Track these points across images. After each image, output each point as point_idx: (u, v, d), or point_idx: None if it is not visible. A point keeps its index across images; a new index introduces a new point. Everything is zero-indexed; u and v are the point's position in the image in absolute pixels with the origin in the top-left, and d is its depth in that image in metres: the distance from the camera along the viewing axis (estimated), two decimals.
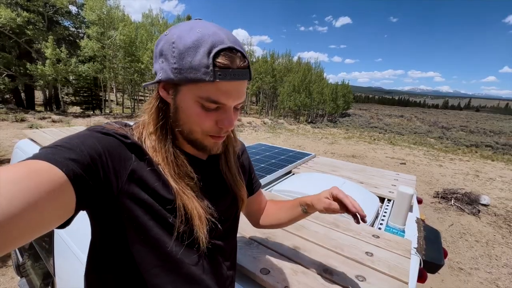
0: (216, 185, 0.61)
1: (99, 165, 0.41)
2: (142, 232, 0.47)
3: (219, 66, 0.43)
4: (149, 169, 0.48)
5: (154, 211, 0.48)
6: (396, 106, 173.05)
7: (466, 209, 5.31)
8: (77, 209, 0.38)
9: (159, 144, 0.50)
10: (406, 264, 0.86)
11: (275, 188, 1.55)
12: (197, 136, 0.50)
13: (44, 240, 1.87)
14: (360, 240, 1.00)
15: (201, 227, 0.50)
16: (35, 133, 2.55)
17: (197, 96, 0.46)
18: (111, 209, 0.45)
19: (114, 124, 0.51)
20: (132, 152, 0.48)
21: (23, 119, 11.18)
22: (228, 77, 0.44)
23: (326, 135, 16.49)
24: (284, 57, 36.34)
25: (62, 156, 0.36)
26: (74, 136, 0.43)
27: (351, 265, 0.85)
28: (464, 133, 26.12)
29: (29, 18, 13.56)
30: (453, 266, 3.54)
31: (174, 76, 0.45)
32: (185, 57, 0.43)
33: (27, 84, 15.88)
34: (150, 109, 0.51)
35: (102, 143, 0.43)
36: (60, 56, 13.77)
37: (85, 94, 19.84)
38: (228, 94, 0.46)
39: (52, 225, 0.34)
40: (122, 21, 16.50)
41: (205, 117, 0.47)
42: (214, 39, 0.44)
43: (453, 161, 10.81)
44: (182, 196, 0.49)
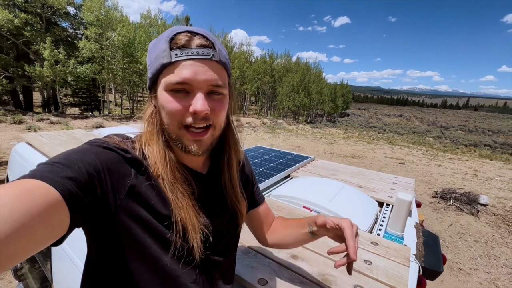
0: (215, 200, 0.60)
1: (97, 182, 0.40)
2: (140, 249, 0.47)
3: (176, 47, 0.44)
4: (148, 184, 0.47)
5: (152, 228, 0.47)
6: (395, 105, 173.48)
7: (465, 209, 5.32)
8: (71, 228, 0.37)
9: (157, 149, 0.49)
10: (404, 272, 0.86)
11: (273, 193, 1.54)
12: (175, 131, 0.48)
13: None
14: (359, 247, 1.00)
15: (195, 236, 0.49)
16: (32, 136, 2.53)
17: (164, 84, 0.45)
18: (108, 226, 0.44)
19: (115, 138, 0.50)
20: (132, 167, 0.47)
21: (21, 121, 11.14)
22: (185, 56, 0.44)
23: (325, 135, 16.50)
24: (283, 57, 36.36)
25: (58, 174, 0.36)
26: (73, 151, 0.42)
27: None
28: (462, 132, 26.20)
29: (27, 19, 13.50)
30: (453, 267, 3.55)
31: (149, 74, 0.48)
32: (152, 52, 0.47)
33: (25, 86, 15.81)
34: (146, 117, 0.52)
35: (101, 158, 0.43)
36: (58, 57, 13.72)
37: (83, 95, 19.78)
38: (190, 73, 0.44)
39: (45, 244, 0.34)
40: (121, 22, 16.45)
41: (175, 102, 0.45)
42: (174, 28, 0.46)
43: (452, 160, 10.84)
44: (177, 205, 0.48)
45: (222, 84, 0.48)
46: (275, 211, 1.27)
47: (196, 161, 0.58)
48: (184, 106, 0.46)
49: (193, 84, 0.45)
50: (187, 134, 0.48)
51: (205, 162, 0.61)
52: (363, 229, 1.18)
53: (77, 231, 1.15)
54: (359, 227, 1.19)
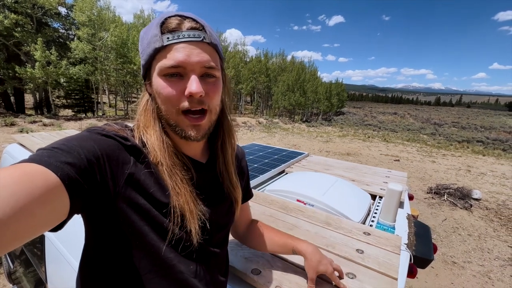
0: (214, 190, 0.60)
1: (96, 168, 0.40)
2: (138, 237, 0.47)
3: (167, 31, 0.44)
4: (147, 171, 0.47)
5: (151, 216, 0.47)
6: (389, 103, 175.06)
7: (459, 204, 5.40)
8: (71, 214, 0.37)
9: (155, 135, 0.49)
10: (395, 260, 0.87)
11: (268, 188, 1.55)
12: (173, 117, 0.48)
13: (36, 246, 1.83)
14: (352, 238, 1.01)
15: (193, 222, 0.49)
16: (24, 137, 2.50)
17: (158, 69, 0.45)
18: (107, 213, 0.45)
19: (115, 126, 0.50)
20: (131, 155, 0.47)
21: (13, 123, 10.96)
22: (176, 39, 0.44)
23: (321, 134, 16.58)
24: (278, 56, 36.39)
25: (58, 159, 0.36)
26: (73, 137, 0.42)
27: (342, 263, 0.85)
28: (456, 129, 26.59)
29: (17, 20, 13.27)
30: (447, 260, 3.60)
31: (143, 61, 0.48)
32: (144, 39, 0.47)
33: (17, 88, 15.54)
34: (142, 106, 0.52)
35: (101, 145, 0.43)
36: (50, 58, 13.51)
37: (76, 96, 19.51)
38: (183, 55, 0.44)
39: (44, 229, 0.34)
40: (113, 22, 16.28)
41: (171, 87, 0.45)
42: (164, 14, 0.47)
43: (446, 156, 11.00)
44: (175, 191, 0.48)
45: (215, 65, 0.48)
46: (269, 205, 1.28)
47: (194, 149, 0.57)
48: (179, 90, 0.46)
49: (187, 67, 0.45)
50: (186, 120, 0.48)
51: (204, 151, 0.61)
52: (356, 220, 1.20)
53: (70, 231, 1.15)
54: (352, 219, 1.21)
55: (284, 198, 1.37)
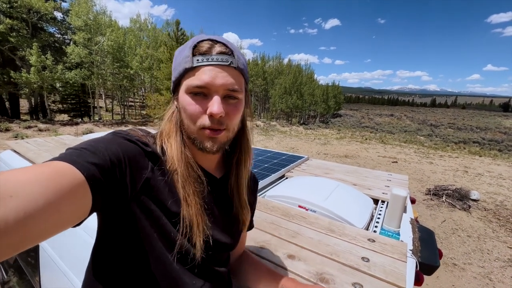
0: (223, 207, 0.61)
1: (117, 170, 0.42)
2: (147, 243, 0.48)
3: (198, 53, 0.48)
4: (162, 179, 0.49)
5: (160, 224, 0.48)
6: (386, 105, 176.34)
7: (457, 205, 5.41)
8: (91, 211, 0.39)
9: (175, 145, 0.51)
10: (402, 268, 0.85)
11: (268, 194, 1.52)
12: (194, 131, 0.50)
13: (30, 255, 1.79)
14: (356, 245, 0.98)
15: (198, 235, 0.50)
16: (18, 144, 2.45)
17: (185, 87, 0.49)
18: (121, 215, 0.46)
19: (138, 131, 0.53)
20: (150, 161, 0.49)
21: (8, 129, 10.83)
22: (206, 62, 0.47)
23: (318, 136, 16.62)
24: (274, 59, 36.58)
25: (85, 159, 0.38)
26: (99, 139, 0.45)
27: (347, 272, 0.82)
28: (452, 130, 26.83)
29: (12, 25, 13.20)
30: (447, 262, 3.59)
31: (173, 77, 0.52)
32: (177, 58, 0.51)
33: (12, 93, 15.39)
34: (168, 116, 0.55)
35: (124, 149, 0.45)
36: (45, 63, 13.43)
37: (72, 101, 19.38)
38: (209, 77, 0.47)
39: (68, 225, 0.35)
40: (110, 27, 16.25)
41: (195, 105, 0.48)
42: (198, 37, 0.50)
43: (443, 158, 11.06)
44: (186, 201, 0.49)
45: (238, 88, 0.50)
46: (271, 211, 1.25)
47: (210, 162, 0.59)
48: (202, 109, 0.48)
49: (211, 88, 0.48)
50: (204, 133, 0.50)
51: (220, 167, 0.63)
52: (360, 226, 1.17)
53: (64, 240, 1.10)
54: (355, 225, 1.19)
55: (285, 204, 1.34)
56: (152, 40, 22.22)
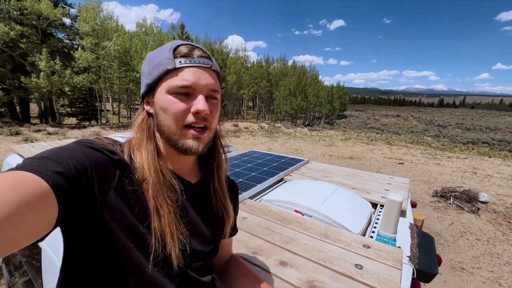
0: (202, 213, 0.60)
1: (84, 180, 0.41)
2: (121, 254, 0.46)
3: (180, 56, 0.49)
4: (132, 188, 0.48)
5: (136, 234, 0.47)
6: (392, 106, 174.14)
7: (466, 207, 5.28)
8: (56, 224, 0.37)
9: (146, 153, 0.50)
10: (396, 276, 0.83)
11: (265, 198, 1.52)
12: (176, 130, 0.50)
13: (34, 258, 1.82)
14: (350, 251, 0.97)
15: (173, 245, 0.49)
16: (23, 148, 2.51)
17: (167, 87, 0.49)
18: (91, 226, 0.44)
19: (104, 139, 0.52)
20: (118, 169, 0.48)
21: (18, 132, 11.09)
22: (188, 63, 0.49)
23: (323, 138, 16.50)
24: (279, 61, 36.59)
25: (48, 168, 0.36)
26: (62, 148, 0.43)
27: (339, 280, 0.81)
28: (460, 130, 26.27)
29: (22, 31, 13.57)
30: (455, 266, 3.50)
31: (148, 80, 0.51)
32: (153, 60, 0.51)
33: (22, 97, 15.80)
34: (137, 124, 0.54)
35: (89, 157, 0.43)
36: (54, 68, 13.73)
37: (80, 105, 19.77)
38: (192, 78, 0.48)
39: (35, 237, 0.34)
40: (116, 31, 16.54)
41: (178, 103, 0.49)
42: (175, 42, 0.52)
43: (451, 159, 10.83)
44: (157, 211, 0.48)
45: (218, 89, 0.53)
46: (266, 216, 1.24)
47: (184, 167, 0.58)
48: (186, 107, 0.49)
49: (196, 88, 0.49)
50: (189, 133, 0.50)
51: (194, 171, 0.62)
52: (356, 232, 1.15)
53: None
54: (351, 230, 1.17)
55: (281, 209, 1.33)
56: (158, 44, 22.49)
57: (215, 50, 27.74)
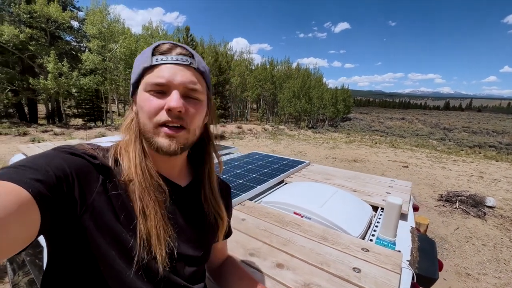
0: (191, 217, 0.58)
1: (65, 186, 0.40)
2: (104, 261, 0.45)
3: (158, 53, 0.48)
4: (116, 193, 0.47)
5: (117, 239, 0.45)
6: (397, 109, 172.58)
7: (472, 212, 5.18)
8: (40, 232, 0.36)
9: (133, 153, 0.49)
10: (394, 280, 0.81)
11: (264, 200, 1.51)
12: (150, 129, 0.48)
13: (37, 257, 1.84)
14: (349, 254, 0.96)
15: (159, 247, 0.47)
16: (29, 148, 2.55)
17: (144, 85, 0.48)
18: (73, 233, 0.43)
19: (85, 145, 0.50)
20: (100, 174, 0.46)
21: (26, 133, 11.28)
22: (165, 60, 0.47)
23: (327, 140, 16.42)
24: (283, 63, 36.66)
25: (27, 176, 0.35)
26: (39, 156, 0.42)
27: (336, 283, 0.80)
28: (466, 134, 25.86)
29: (31, 34, 13.86)
30: (460, 272, 3.43)
31: (132, 80, 0.51)
32: (137, 60, 0.50)
33: (30, 98, 16.10)
34: (126, 124, 0.52)
35: (69, 163, 0.42)
36: (62, 70, 13.98)
37: (87, 106, 20.05)
38: (168, 75, 0.47)
39: (18, 247, 0.33)
40: (122, 34, 16.79)
41: (152, 100, 0.47)
42: (160, 42, 0.50)
43: (457, 162, 10.67)
44: (143, 213, 0.47)
45: (199, 88, 0.50)
46: (265, 217, 1.24)
47: (172, 169, 0.57)
48: (160, 104, 0.47)
49: (170, 85, 0.47)
50: (161, 131, 0.48)
51: (184, 175, 0.60)
52: (355, 235, 1.14)
53: None
54: (350, 233, 1.16)
55: (280, 211, 1.33)
56: None
57: (219, 52, 27.92)
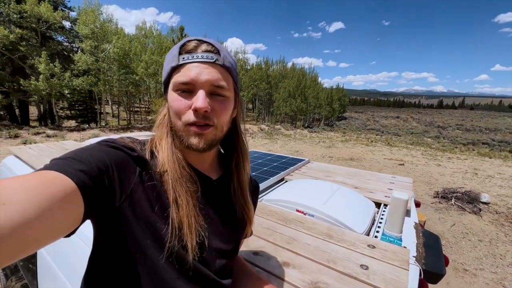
0: (222, 210, 0.59)
1: (105, 176, 0.43)
2: (138, 250, 0.47)
3: (185, 52, 0.48)
4: (152, 183, 0.49)
5: (152, 228, 0.47)
6: (391, 107, 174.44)
7: (467, 208, 5.24)
8: (84, 218, 0.39)
9: (166, 145, 0.52)
10: (404, 276, 0.80)
11: (266, 198, 1.48)
12: (180, 128, 0.50)
13: (31, 262, 1.79)
14: (355, 251, 0.94)
15: (190, 236, 0.49)
16: (20, 149, 2.48)
17: (172, 85, 0.49)
18: (113, 221, 0.46)
19: (126, 138, 0.53)
20: (138, 165, 0.49)
21: (17, 135, 11.05)
22: (191, 59, 0.48)
23: (323, 139, 16.49)
24: (278, 63, 36.70)
25: (72, 167, 0.38)
26: (84, 149, 0.45)
27: (344, 281, 0.78)
28: (460, 131, 26.27)
29: (22, 34, 13.57)
30: (458, 268, 3.46)
31: (163, 78, 0.52)
32: (167, 58, 0.52)
33: (21, 100, 15.77)
34: (159, 119, 0.55)
35: (109, 156, 0.45)
36: (53, 70, 13.73)
37: (80, 107, 19.74)
38: (194, 73, 0.48)
39: (63, 233, 0.36)
40: (116, 34, 16.58)
41: (181, 101, 0.49)
42: (188, 38, 0.51)
43: (451, 160, 10.81)
44: (176, 202, 0.48)
45: (225, 85, 0.50)
46: (267, 216, 1.21)
47: (203, 162, 0.58)
48: (187, 105, 0.49)
49: (196, 84, 0.48)
50: (191, 130, 0.50)
51: (215, 168, 0.62)
52: (360, 231, 1.12)
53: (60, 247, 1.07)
54: (355, 230, 1.14)
55: (283, 208, 1.30)
56: (157, 47, 22.56)
57: None
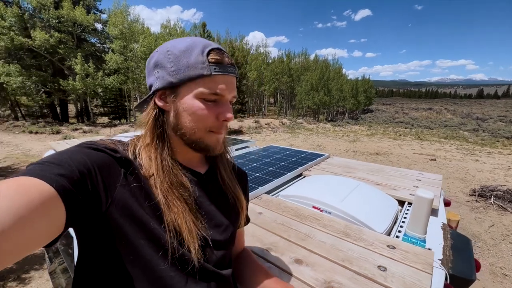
0: (215, 202, 0.60)
1: (88, 180, 0.41)
2: (132, 251, 0.46)
3: (213, 62, 0.49)
4: (138, 185, 0.48)
5: (146, 230, 0.47)
6: (423, 98, 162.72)
7: (509, 208, 4.78)
8: (67, 226, 0.37)
9: (155, 152, 0.51)
10: (426, 280, 0.74)
11: (282, 193, 1.47)
12: (201, 134, 0.52)
13: (70, 246, 1.94)
14: (373, 251, 0.89)
15: (192, 241, 0.49)
16: (58, 144, 2.71)
17: (198, 92, 0.49)
18: (100, 225, 0.45)
19: (106, 140, 0.52)
20: (122, 167, 0.48)
21: (59, 131, 12.11)
22: (222, 71, 0.50)
23: (347, 133, 15.91)
24: (300, 55, 35.82)
25: (51, 172, 0.37)
26: (63, 152, 0.43)
27: (359, 282, 0.75)
28: (503, 123, 23.74)
29: (60, 38, 14.72)
30: (496, 272, 3.18)
31: (173, 79, 0.49)
32: (181, 59, 0.49)
33: (61, 99, 17.22)
34: (147, 120, 0.53)
35: (91, 158, 0.44)
36: (88, 71, 14.75)
37: (111, 105, 21.06)
38: (224, 86, 0.51)
39: (42, 242, 0.34)
40: (142, 34, 17.30)
41: (207, 110, 0.50)
42: (204, 42, 0.51)
43: (491, 154, 9.86)
44: (171, 209, 0.48)
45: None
46: (282, 211, 1.20)
47: (194, 158, 0.60)
48: (214, 113, 0.52)
49: (225, 96, 0.52)
50: (211, 135, 0.53)
51: (202, 163, 0.63)
52: (380, 231, 1.07)
53: None
54: (374, 229, 1.08)
55: (299, 204, 1.28)
56: None
57: (236, 47, 27.87)
